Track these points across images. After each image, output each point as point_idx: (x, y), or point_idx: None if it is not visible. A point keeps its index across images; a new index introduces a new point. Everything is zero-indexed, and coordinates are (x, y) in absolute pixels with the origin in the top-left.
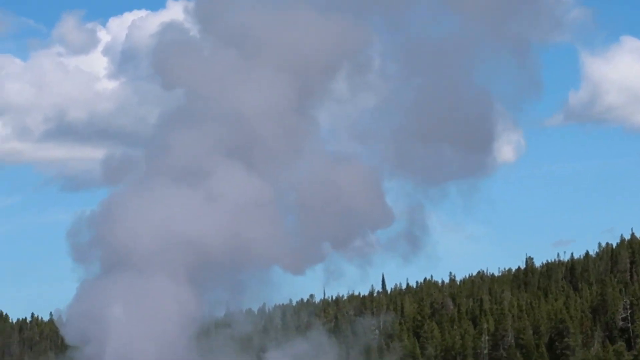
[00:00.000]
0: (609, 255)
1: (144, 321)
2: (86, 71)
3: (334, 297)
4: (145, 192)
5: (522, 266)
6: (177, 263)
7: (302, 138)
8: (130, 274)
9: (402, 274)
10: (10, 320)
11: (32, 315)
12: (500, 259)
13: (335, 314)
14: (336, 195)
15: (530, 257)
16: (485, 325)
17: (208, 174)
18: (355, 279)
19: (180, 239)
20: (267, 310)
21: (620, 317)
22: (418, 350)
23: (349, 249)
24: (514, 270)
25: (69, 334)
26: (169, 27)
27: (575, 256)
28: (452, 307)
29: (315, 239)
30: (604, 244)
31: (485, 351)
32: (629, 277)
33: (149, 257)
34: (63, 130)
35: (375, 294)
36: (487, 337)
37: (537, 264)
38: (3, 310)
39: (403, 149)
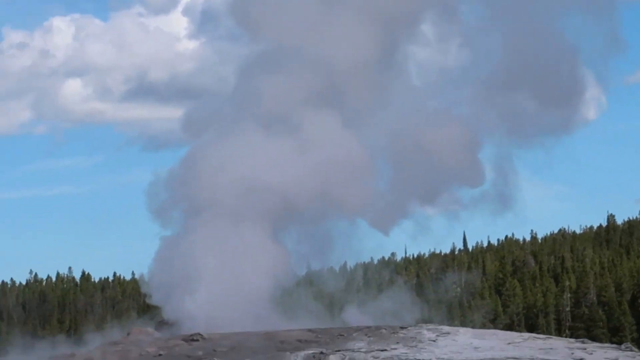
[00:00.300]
0: None
1: (230, 274)
2: (166, 31)
3: (415, 255)
4: (231, 141)
5: (604, 224)
6: (264, 213)
7: (390, 89)
8: (216, 226)
9: (484, 232)
10: (92, 280)
11: (114, 274)
12: (581, 216)
13: (417, 272)
14: (426, 150)
15: (612, 214)
16: (567, 283)
17: (298, 123)
18: (438, 237)
19: (267, 188)
20: (348, 269)
21: None
22: (500, 308)
23: (436, 205)
24: (595, 227)
25: (152, 292)
26: None
27: None
28: (533, 264)
29: (404, 195)
30: None
31: (567, 309)
32: None
33: (235, 208)
34: (144, 90)
35: (456, 252)
36: (569, 295)
37: (619, 221)
38: (85, 270)
39: (490, 101)
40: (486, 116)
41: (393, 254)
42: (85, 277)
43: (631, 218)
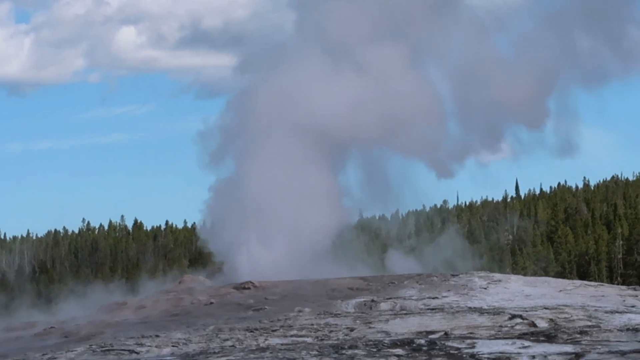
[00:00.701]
0: None
1: (289, 218)
2: None
3: (467, 203)
4: (291, 78)
5: None
6: (322, 155)
7: (456, 27)
8: (273, 167)
9: (536, 179)
10: (145, 228)
11: (167, 222)
12: (635, 163)
13: (469, 220)
14: (490, 90)
15: None
16: (619, 230)
17: (362, 60)
18: (491, 184)
19: (326, 127)
20: (400, 216)
21: None
22: (552, 255)
23: (496, 149)
24: None
25: (207, 237)
26: None
27: None
28: (586, 212)
29: (466, 136)
30: None
31: (619, 256)
32: None
33: (293, 148)
34: (197, 37)
35: (509, 199)
36: (621, 242)
37: None
38: (138, 218)
39: (555, 42)
40: (550, 56)
41: (445, 201)
42: (138, 225)
43: None
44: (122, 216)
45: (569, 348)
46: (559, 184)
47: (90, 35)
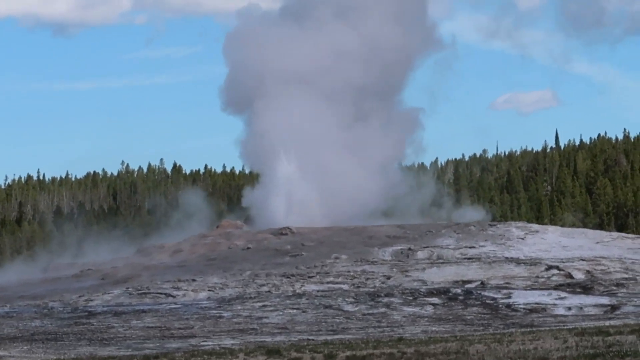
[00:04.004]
0: None
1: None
2: None
3: (506, 153)
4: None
5: None
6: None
7: None
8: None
9: (576, 130)
10: (183, 172)
11: (206, 167)
12: None
13: (508, 170)
14: None
15: None
16: None
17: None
18: (530, 134)
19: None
20: (440, 165)
21: None
22: (590, 207)
23: (526, 103)
24: None
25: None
26: None
27: None
28: (625, 163)
29: None
30: None
31: None
32: None
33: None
34: None
35: (548, 150)
36: None
37: None
38: (177, 162)
39: None
40: None
41: (484, 151)
42: (177, 169)
43: None
44: (162, 159)
45: (605, 300)
46: (598, 135)
47: None
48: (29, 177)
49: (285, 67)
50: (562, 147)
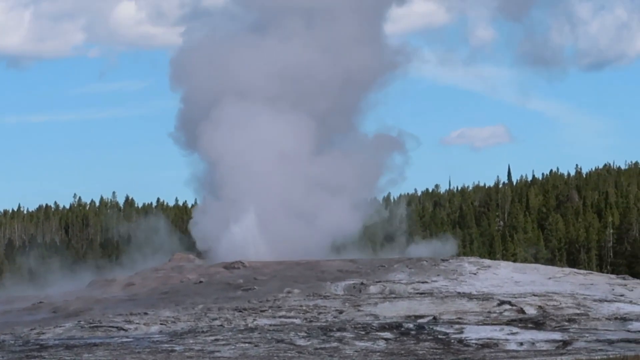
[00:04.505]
0: None
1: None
2: None
3: (459, 188)
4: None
5: None
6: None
7: None
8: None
9: (528, 166)
10: (136, 205)
11: (158, 200)
12: (627, 151)
13: (461, 205)
14: None
15: None
16: (610, 219)
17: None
18: (483, 170)
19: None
20: (392, 200)
21: None
22: (542, 242)
23: (479, 139)
24: None
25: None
26: None
27: None
28: (577, 199)
29: None
30: None
31: (610, 244)
32: None
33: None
34: (198, 15)
35: (500, 185)
36: (611, 231)
37: None
38: (129, 195)
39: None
40: None
41: (437, 186)
42: (129, 202)
43: None
44: (114, 192)
45: (556, 335)
46: (551, 170)
47: (90, 9)
48: None
49: (238, 89)
50: (514, 183)
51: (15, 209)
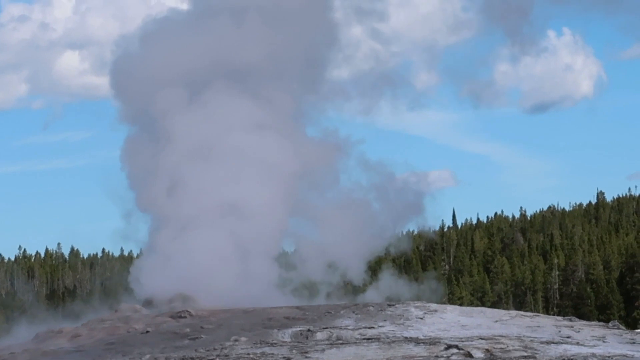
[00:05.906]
0: None
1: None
2: (168, 5)
3: (404, 232)
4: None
5: (594, 201)
6: None
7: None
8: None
9: (473, 209)
10: (81, 256)
11: (103, 251)
12: (571, 193)
13: (405, 249)
14: None
15: (601, 191)
16: (555, 260)
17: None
18: (427, 214)
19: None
20: None
21: None
22: (488, 285)
23: (424, 183)
24: (585, 205)
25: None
26: None
27: None
28: (522, 242)
29: None
30: None
31: (556, 286)
32: None
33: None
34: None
35: (445, 229)
36: (557, 272)
37: (609, 198)
38: (74, 246)
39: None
40: None
41: None
42: (74, 253)
43: (620, 195)
44: (59, 244)
45: None
46: (495, 213)
47: (34, 60)
48: None
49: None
50: (459, 226)
51: None
